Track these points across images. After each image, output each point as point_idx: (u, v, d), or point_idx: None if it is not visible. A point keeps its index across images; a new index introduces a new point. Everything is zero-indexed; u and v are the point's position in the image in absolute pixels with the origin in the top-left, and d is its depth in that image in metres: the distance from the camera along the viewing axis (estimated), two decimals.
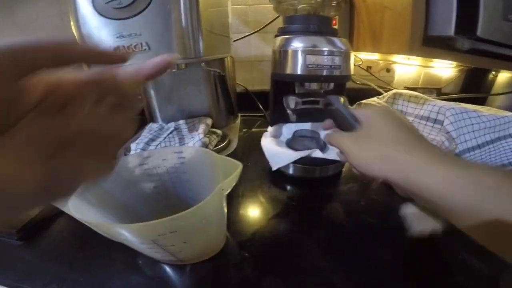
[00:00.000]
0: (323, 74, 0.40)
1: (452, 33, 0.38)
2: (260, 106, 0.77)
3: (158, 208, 0.38)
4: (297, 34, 0.43)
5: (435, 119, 0.50)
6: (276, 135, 0.51)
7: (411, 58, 0.62)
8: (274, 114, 0.52)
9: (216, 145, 0.53)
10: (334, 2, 0.45)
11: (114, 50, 0.39)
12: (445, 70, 0.67)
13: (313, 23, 0.43)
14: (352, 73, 0.43)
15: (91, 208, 0.29)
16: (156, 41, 0.40)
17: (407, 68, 0.70)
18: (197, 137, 0.48)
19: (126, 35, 0.39)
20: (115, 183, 0.34)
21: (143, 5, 0.38)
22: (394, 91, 0.57)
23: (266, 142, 0.48)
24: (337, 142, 0.31)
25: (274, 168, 0.44)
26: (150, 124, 0.57)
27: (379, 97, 0.60)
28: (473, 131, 0.46)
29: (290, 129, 0.52)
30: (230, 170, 0.29)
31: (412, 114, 0.54)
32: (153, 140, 0.51)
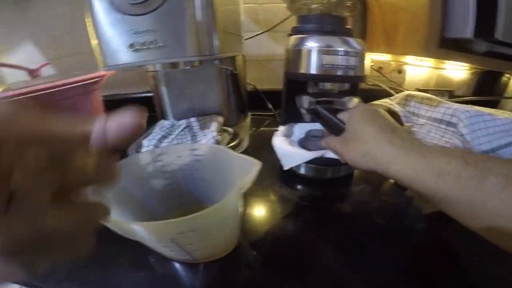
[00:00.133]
0: (338, 74, 0.40)
1: (470, 35, 0.38)
2: (269, 105, 0.77)
3: (170, 205, 0.38)
4: (311, 33, 0.43)
5: (449, 122, 0.50)
6: (287, 135, 0.51)
7: (424, 59, 0.62)
8: (286, 114, 0.52)
9: (227, 143, 0.53)
10: (349, 2, 0.45)
11: (129, 46, 0.40)
12: (457, 72, 0.67)
13: (328, 23, 0.43)
14: (366, 73, 0.43)
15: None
16: (171, 38, 0.40)
17: (419, 69, 0.69)
18: (210, 134, 0.48)
19: (141, 32, 0.39)
20: (129, 180, 0.34)
21: (160, 1, 0.38)
22: (406, 93, 0.57)
23: (278, 141, 0.48)
24: (330, 146, 0.37)
25: (286, 167, 0.44)
26: (161, 121, 0.57)
27: (391, 98, 0.59)
28: (487, 135, 0.45)
29: (301, 128, 0.52)
30: (247, 168, 0.29)
31: (424, 116, 0.53)
32: (165, 137, 0.51)
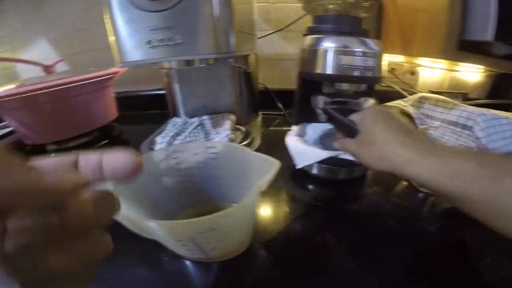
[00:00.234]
0: (355, 74, 0.40)
1: (490, 38, 0.37)
2: (279, 105, 0.77)
3: (183, 203, 0.38)
4: (328, 34, 0.43)
5: (464, 125, 0.49)
6: (300, 134, 0.51)
7: (438, 61, 0.61)
8: (299, 113, 0.52)
9: (240, 142, 0.53)
10: (366, 3, 0.44)
11: (146, 43, 0.40)
12: (471, 74, 0.66)
13: (345, 24, 0.43)
14: (383, 75, 0.42)
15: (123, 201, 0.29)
16: (189, 35, 0.40)
17: (432, 71, 0.68)
18: (223, 133, 0.48)
19: (160, 28, 0.39)
20: (145, 177, 0.34)
21: None
22: (420, 95, 0.56)
23: (291, 140, 0.48)
24: (345, 148, 0.37)
25: (299, 166, 0.44)
26: (174, 118, 0.58)
27: (404, 100, 0.59)
28: (504, 138, 0.45)
29: (314, 129, 0.51)
30: (264, 167, 0.29)
31: (439, 118, 0.53)
32: (178, 134, 0.51)
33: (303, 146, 0.45)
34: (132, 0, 0.39)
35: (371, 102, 0.44)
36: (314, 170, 0.48)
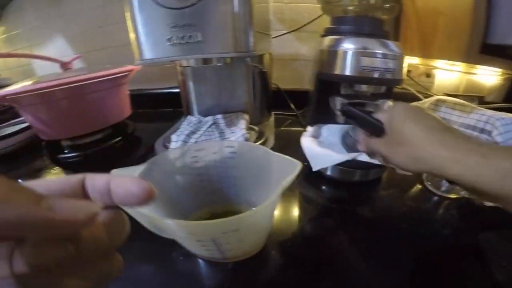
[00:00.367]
0: (375, 76, 0.40)
1: None
2: (291, 105, 0.76)
3: (198, 202, 0.38)
4: (347, 35, 0.43)
5: (482, 129, 0.48)
6: (315, 136, 0.51)
7: (455, 64, 0.61)
8: (315, 114, 0.51)
9: (254, 141, 0.53)
10: (387, 5, 0.44)
11: (167, 40, 0.40)
12: (489, 77, 0.65)
13: (365, 25, 0.42)
14: (403, 77, 0.42)
15: None
16: (210, 33, 0.40)
17: (448, 74, 0.67)
18: (239, 132, 0.48)
19: (180, 26, 0.39)
20: (164, 175, 0.34)
21: None
22: (436, 98, 0.56)
23: (307, 141, 0.48)
24: (373, 149, 0.34)
25: (315, 168, 0.44)
26: (189, 116, 0.58)
27: (419, 102, 0.58)
28: None
29: (330, 130, 0.51)
30: (285, 168, 0.29)
31: (456, 122, 0.52)
32: (193, 132, 0.51)
33: (319, 149, 0.45)
34: None
35: (390, 104, 0.44)
36: (329, 172, 0.48)
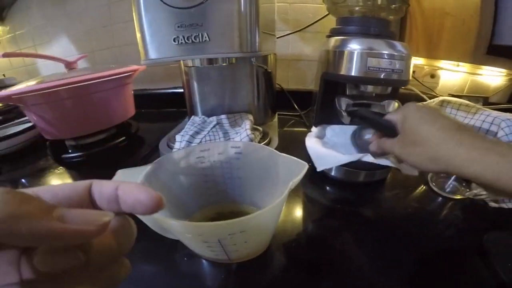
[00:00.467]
0: (382, 77, 0.40)
1: None
2: (295, 105, 0.76)
3: (202, 202, 0.38)
4: (353, 35, 0.43)
5: (488, 130, 0.48)
6: (320, 136, 0.50)
7: (460, 64, 0.60)
8: (320, 115, 0.51)
9: (258, 142, 0.53)
10: (394, 6, 0.44)
11: (173, 40, 0.40)
12: (493, 78, 0.65)
13: (372, 26, 0.42)
14: (410, 77, 0.42)
15: None
16: (216, 33, 0.40)
17: (453, 74, 0.67)
18: (244, 132, 0.48)
19: (187, 25, 0.39)
20: (169, 175, 0.34)
21: None
22: (441, 98, 0.56)
23: (311, 142, 0.47)
24: (386, 149, 0.35)
25: (319, 169, 0.44)
26: (193, 116, 0.58)
27: (424, 103, 0.58)
28: None
29: (334, 130, 0.51)
30: (291, 169, 0.28)
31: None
32: (197, 133, 0.51)
33: (323, 149, 0.45)
34: None
35: (396, 105, 0.43)
36: (333, 172, 0.48)
